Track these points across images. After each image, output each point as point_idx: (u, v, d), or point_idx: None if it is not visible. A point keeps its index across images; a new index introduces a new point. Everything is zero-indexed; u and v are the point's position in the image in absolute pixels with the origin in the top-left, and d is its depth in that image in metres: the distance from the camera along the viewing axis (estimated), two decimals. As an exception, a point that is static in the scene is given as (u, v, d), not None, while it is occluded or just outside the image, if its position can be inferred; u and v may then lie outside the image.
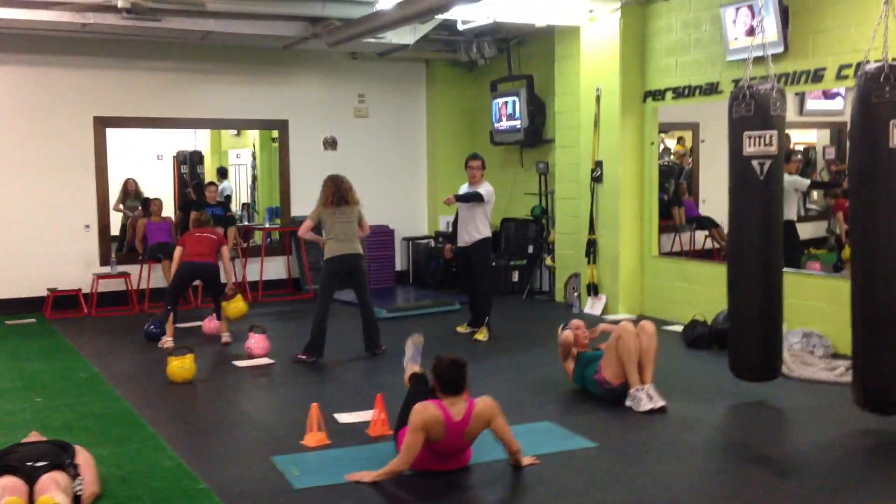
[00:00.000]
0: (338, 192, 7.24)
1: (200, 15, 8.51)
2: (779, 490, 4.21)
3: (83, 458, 4.19)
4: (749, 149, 5.31)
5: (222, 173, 13.43)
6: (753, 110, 5.29)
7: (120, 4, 7.55)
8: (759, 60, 5.89)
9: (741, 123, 5.37)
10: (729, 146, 5.52)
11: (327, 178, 7.45)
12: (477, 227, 7.96)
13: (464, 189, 8.15)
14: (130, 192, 11.41)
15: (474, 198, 7.88)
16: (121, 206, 11.22)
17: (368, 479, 4.30)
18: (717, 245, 10.34)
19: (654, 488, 4.23)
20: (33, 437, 4.50)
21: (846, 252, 8.98)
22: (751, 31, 7.38)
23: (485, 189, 7.96)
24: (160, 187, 12.70)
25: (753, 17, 7.27)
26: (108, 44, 9.79)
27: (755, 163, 5.30)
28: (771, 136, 5.28)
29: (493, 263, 10.44)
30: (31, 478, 3.81)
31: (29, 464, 3.89)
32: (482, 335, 7.92)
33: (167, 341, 7.62)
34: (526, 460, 4.53)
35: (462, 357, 4.48)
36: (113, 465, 4.60)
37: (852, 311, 4.93)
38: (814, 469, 4.50)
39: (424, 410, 4.26)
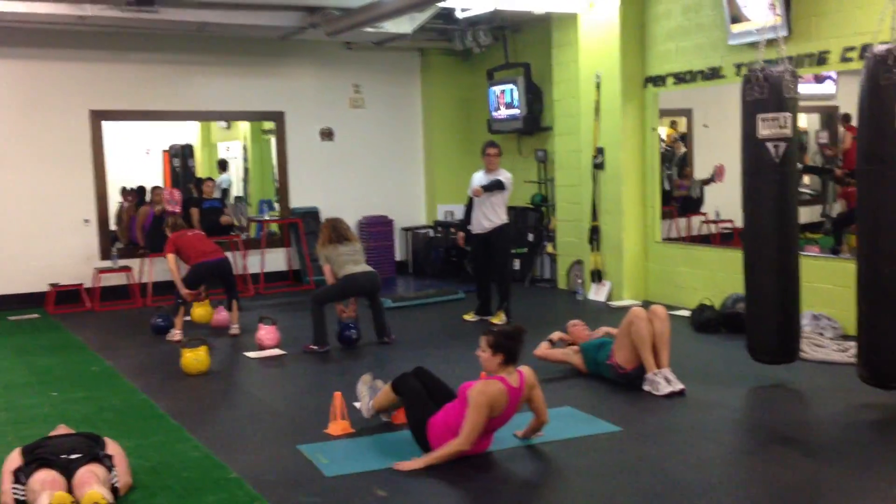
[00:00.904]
0: (335, 231, 7.30)
1: (198, 6, 8.46)
2: (810, 470, 4.25)
3: (114, 449, 4.18)
4: (763, 131, 5.34)
5: (223, 165, 13.36)
6: (767, 93, 5.32)
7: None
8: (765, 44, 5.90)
9: (754, 106, 5.39)
10: (742, 129, 5.54)
11: (325, 222, 7.54)
12: (496, 213, 8.00)
13: (479, 176, 8.17)
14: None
15: (498, 186, 7.93)
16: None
17: (422, 464, 4.31)
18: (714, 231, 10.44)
19: (686, 472, 4.25)
20: (61, 429, 4.48)
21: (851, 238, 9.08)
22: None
23: (504, 176, 8.02)
24: (149, 181, 12.62)
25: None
26: (104, 36, 9.70)
27: (770, 145, 5.32)
28: (785, 119, 5.31)
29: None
30: (67, 471, 3.79)
31: (63, 456, 3.88)
32: (499, 319, 7.95)
33: (177, 334, 7.60)
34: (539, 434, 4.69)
35: (520, 326, 4.58)
36: (140, 456, 4.59)
37: (858, 289, 5.01)
38: (841, 448, 4.55)
39: (487, 388, 4.32)
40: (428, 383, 4.69)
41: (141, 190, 11.35)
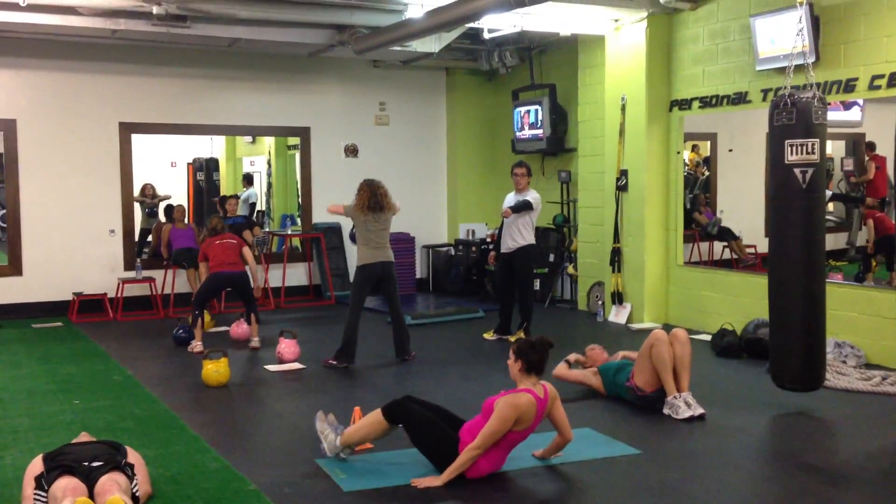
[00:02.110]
0: (374, 198, 7.21)
1: (230, 22, 8.56)
2: (832, 499, 4.21)
3: (134, 458, 4.21)
4: (791, 157, 5.32)
5: (248, 179, 13.47)
6: (795, 118, 5.31)
7: (155, 11, 7.57)
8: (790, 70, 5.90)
9: (783, 131, 5.38)
10: (769, 154, 5.54)
11: (363, 183, 7.40)
12: (521, 234, 8.02)
13: (510, 197, 8.21)
14: (147, 195, 11.61)
15: (526, 206, 7.94)
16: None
17: (439, 483, 4.31)
18: (735, 256, 10.39)
19: (707, 497, 4.22)
20: (83, 437, 4.51)
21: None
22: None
23: (532, 196, 8.04)
24: (174, 194, 12.76)
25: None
26: (135, 50, 9.85)
27: (797, 171, 5.31)
28: (813, 145, 5.30)
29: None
30: (88, 478, 3.82)
31: (85, 464, 3.90)
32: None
33: (197, 345, 7.66)
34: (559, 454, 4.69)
35: (547, 338, 4.60)
36: (160, 466, 4.62)
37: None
38: (864, 478, 4.50)
39: (517, 400, 4.35)
40: (425, 405, 4.66)
41: (169, 208, 11.34)
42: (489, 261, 8.80)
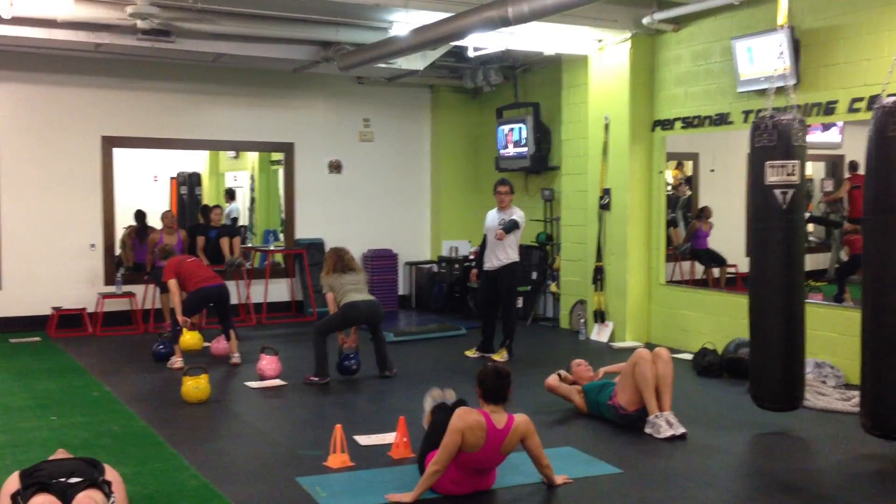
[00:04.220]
0: (340, 262, 7.37)
1: (214, 37, 8.55)
2: (811, 518, 4.23)
3: (112, 475, 4.14)
4: (771, 178, 5.37)
5: (230, 194, 13.40)
6: (776, 140, 5.36)
7: (139, 25, 7.56)
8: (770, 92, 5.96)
9: (763, 153, 5.43)
10: (749, 175, 5.58)
11: (329, 251, 7.61)
12: (507, 252, 8.06)
13: (492, 214, 8.25)
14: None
15: (515, 226, 8.01)
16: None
17: (409, 499, 4.29)
18: (716, 277, 10.47)
19: (687, 515, 4.23)
20: (60, 454, 4.45)
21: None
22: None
23: (518, 214, 8.11)
24: (156, 208, 12.65)
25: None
26: (119, 64, 9.82)
27: (778, 192, 5.35)
28: (793, 166, 5.35)
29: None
30: (65, 496, 3.76)
31: (62, 480, 3.85)
32: (500, 356, 7.96)
33: (177, 361, 7.60)
34: (559, 479, 4.58)
35: (506, 367, 4.58)
36: (138, 483, 4.57)
37: (862, 338, 5.01)
38: (841, 498, 4.51)
39: (467, 415, 4.30)
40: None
41: (140, 214, 11.13)
42: (471, 278, 8.79)
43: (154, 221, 10.69)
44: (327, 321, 7.27)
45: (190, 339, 8.21)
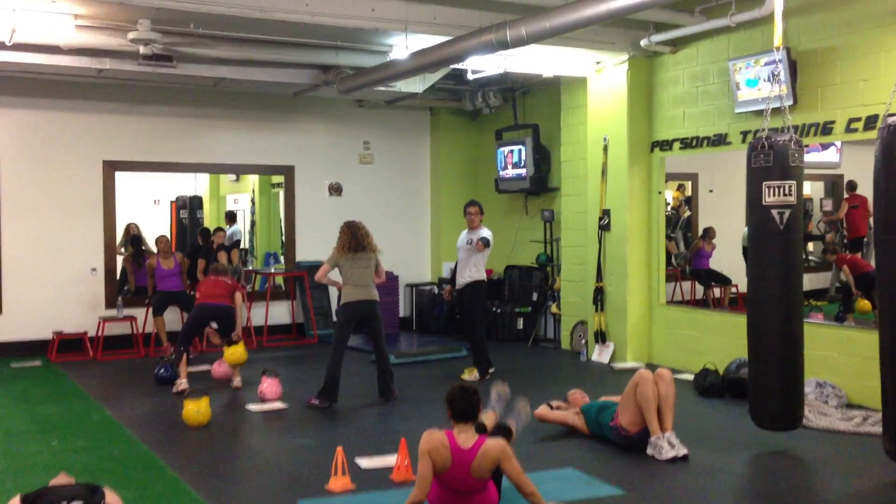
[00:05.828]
0: (354, 238, 7.28)
1: (215, 62, 8.62)
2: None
3: (113, 499, 4.13)
4: (769, 198, 5.39)
5: (231, 217, 13.44)
6: (773, 161, 5.39)
7: (141, 51, 7.62)
8: (770, 112, 6.00)
9: (760, 173, 5.45)
10: (747, 196, 5.60)
11: (344, 225, 7.48)
12: (474, 269, 8.30)
13: (464, 235, 8.51)
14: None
15: (489, 243, 8.26)
16: (122, 251, 11.11)
17: None
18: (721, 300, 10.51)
19: (688, 536, 4.22)
20: (62, 478, 4.43)
21: (861, 304, 9.10)
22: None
23: (488, 233, 8.36)
24: (157, 232, 12.67)
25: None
26: (120, 89, 9.88)
27: (775, 212, 5.38)
28: (790, 187, 5.37)
29: (496, 309, 10.54)
30: (66, 521, 3.75)
31: (63, 505, 3.84)
32: (470, 375, 8.09)
33: (182, 383, 7.57)
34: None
35: (473, 385, 4.60)
36: (139, 508, 4.57)
37: (881, 360, 4.94)
38: (845, 518, 4.51)
39: (430, 436, 4.28)
40: None
41: (136, 240, 11.18)
42: (444, 295, 9.05)
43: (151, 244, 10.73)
44: (337, 333, 7.28)
45: (235, 352, 7.83)
